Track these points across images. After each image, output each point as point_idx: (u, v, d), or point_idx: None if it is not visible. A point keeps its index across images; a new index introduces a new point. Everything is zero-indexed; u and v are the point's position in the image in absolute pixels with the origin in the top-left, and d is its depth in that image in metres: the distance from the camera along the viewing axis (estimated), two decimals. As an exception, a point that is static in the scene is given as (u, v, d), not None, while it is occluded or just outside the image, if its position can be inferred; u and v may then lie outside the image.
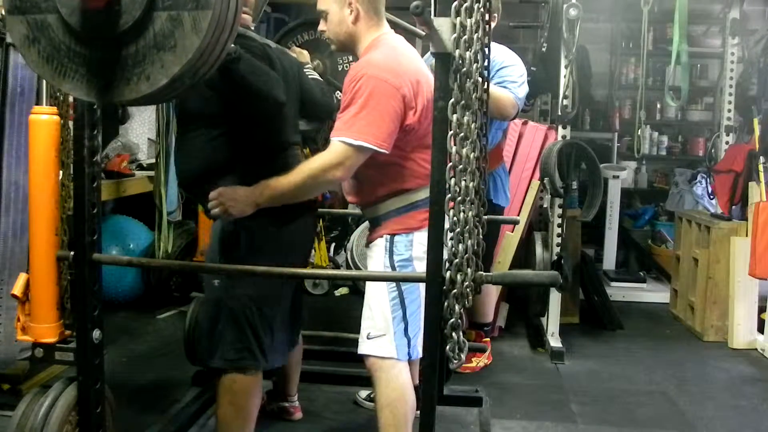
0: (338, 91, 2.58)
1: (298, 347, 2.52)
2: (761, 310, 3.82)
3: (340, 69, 2.74)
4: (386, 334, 1.97)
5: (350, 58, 2.92)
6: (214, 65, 1.21)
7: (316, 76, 2.39)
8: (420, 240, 1.97)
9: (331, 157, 1.87)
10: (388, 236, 2.01)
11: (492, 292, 3.48)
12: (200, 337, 2.11)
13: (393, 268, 1.99)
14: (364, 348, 2.01)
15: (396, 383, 1.98)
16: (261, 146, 2.07)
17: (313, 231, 2.37)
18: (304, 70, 2.36)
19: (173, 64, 1.12)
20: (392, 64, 1.94)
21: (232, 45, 1.32)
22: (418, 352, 2.00)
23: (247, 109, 2.01)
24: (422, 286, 1.89)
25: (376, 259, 2.04)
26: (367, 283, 2.08)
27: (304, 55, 2.55)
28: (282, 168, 2.04)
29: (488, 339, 3.42)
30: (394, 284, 1.97)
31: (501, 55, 2.99)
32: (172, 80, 1.14)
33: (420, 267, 1.97)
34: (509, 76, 2.93)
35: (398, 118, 1.91)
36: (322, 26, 2.09)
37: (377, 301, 2.00)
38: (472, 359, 3.24)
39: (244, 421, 2.07)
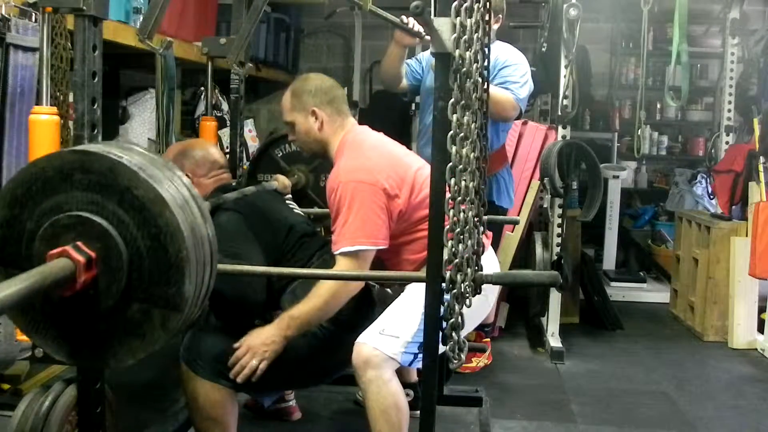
0: (315, 207, 2.66)
1: None
2: (761, 310, 3.83)
3: (321, 185, 2.71)
4: (400, 337, 1.95)
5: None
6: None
7: (296, 208, 2.36)
8: None
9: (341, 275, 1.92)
10: None
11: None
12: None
13: None
14: (370, 338, 1.95)
15: (387, 390, 1.94)
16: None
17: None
18: (285, 200, 2.35)
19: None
20: (362, 163, 2.02)
21: None
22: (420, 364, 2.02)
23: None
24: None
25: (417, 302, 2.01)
26: (408, 288, 2.07)
27: (286, 187, 2.51)
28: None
29: (488, 339, 3.41)
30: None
31: (504, 53, 2.98)
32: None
33: None
34: (511, 75, 2.92)
35: (384, 211, 1.98)
36: (291, 136, 2.18)
37: (409, 307, 1.97)
38: (472, 359, 3.24)
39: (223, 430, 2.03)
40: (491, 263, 2.17)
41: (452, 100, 1.31)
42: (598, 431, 2.72)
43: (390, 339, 1.95)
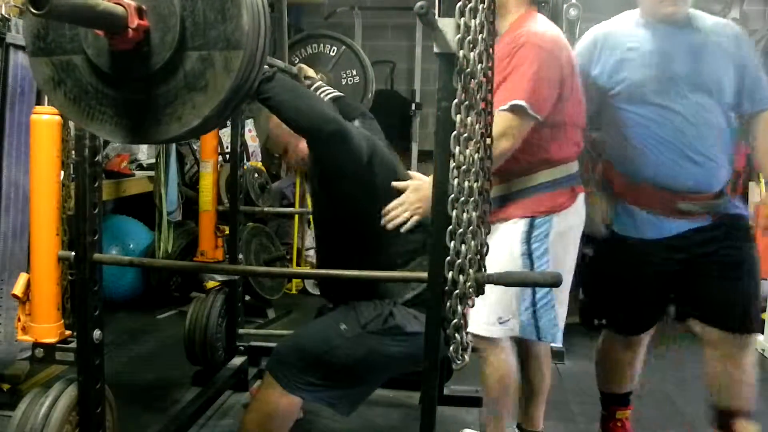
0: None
1: None
2: (761, 310, 3.82)
3: (343, 83, 2.70)
4: (513, 317, 2.03)
5: (354, 71, 2.88)
6: (242, 102, 1.20)
7: (329, 89, 2.31)
8: (557, 224, 1.99)
9: (495, 131, 1.70)
10: (528, 219, 1.99)
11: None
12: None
13: (529, 255, 1.98)
14: (493, 331, 2.05)
15: (492, 367, 2.12)
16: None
17: None
18: (315, 85, 2.32)
19: (205, 104, 1.11)
20: (554, 35, 1.99)
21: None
22: (558, 336, 2.11)
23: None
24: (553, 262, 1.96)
25: (509, 242, 1.99)
26: (497, 262, 1.86)
27: (307, 70, 2.51)
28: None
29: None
30: (528, 262, 1.98)
31: None
32: (204, 121, 1.12)
33: (553, 253, 2.00)
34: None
35: (557, 86, 1.95)
36: None
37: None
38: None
39: None
40: None
41: (456, 100, 1.31)
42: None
43: (508, 324, 2.05)
